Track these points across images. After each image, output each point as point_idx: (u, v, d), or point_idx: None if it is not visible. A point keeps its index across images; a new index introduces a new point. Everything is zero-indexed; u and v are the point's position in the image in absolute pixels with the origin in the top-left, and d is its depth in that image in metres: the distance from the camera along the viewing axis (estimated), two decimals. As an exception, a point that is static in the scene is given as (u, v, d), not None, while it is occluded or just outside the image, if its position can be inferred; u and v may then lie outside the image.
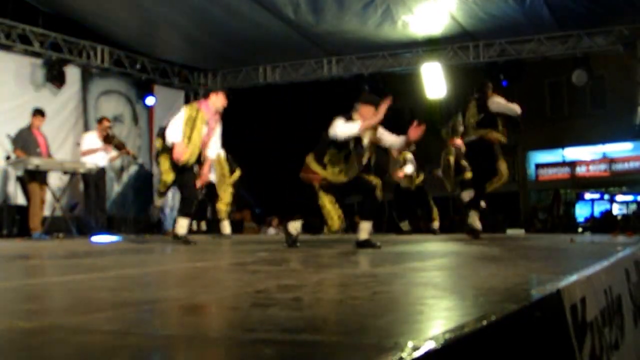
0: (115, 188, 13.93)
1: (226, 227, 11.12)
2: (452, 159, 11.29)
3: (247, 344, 1.67)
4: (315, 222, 7.95)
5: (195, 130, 7.83)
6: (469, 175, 11.09)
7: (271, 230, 16.19)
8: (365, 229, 6.59)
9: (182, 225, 8.05)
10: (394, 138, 7.04)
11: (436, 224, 12.67)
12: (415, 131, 6.78)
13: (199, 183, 8.92)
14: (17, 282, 3.73)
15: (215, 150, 8.75)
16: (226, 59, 16.08)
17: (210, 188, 11.91)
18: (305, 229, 7.29)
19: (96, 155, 11.58)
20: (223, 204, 11.12)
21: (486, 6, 12.43)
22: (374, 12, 12.81)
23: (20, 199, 11.44)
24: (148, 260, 5.85)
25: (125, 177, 13.86)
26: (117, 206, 13.93)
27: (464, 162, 11.25)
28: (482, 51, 14.62)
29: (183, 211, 8.24)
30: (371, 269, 4.14)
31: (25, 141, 10.69)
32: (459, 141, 10.91)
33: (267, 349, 1.61)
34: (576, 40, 14.04)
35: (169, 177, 8.03)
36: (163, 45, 15.08)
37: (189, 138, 7.82)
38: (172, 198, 12.98)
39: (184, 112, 7.91)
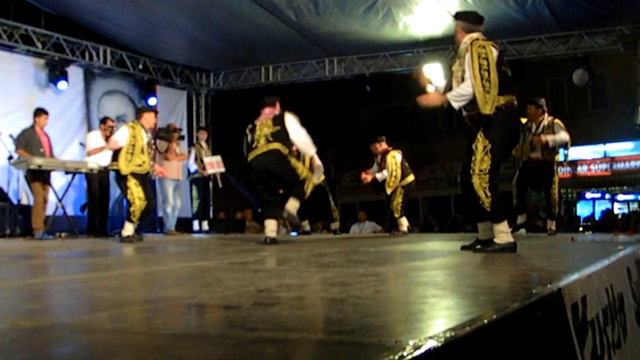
0: (116, 188, 13.91)
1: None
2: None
3: (248, 343, 1.68)
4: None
5: None
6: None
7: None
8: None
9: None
10: None
11: (336, 225, 12.18)
12: None
13: None
14: (20, 281, 3.74)
15: None
16: (228, 59, 16.09)
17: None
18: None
19: (103, 153, 11.58)
20: None
21: (487, 7, 12.42)
22: (375, 14, 12.85)
23: (23, 199, 11.44)
24: (150, 259, 5.86)
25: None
26: (119, 206, 13.93)
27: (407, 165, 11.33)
28: (483, 51, 14.59)
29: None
30: (373, 268, 4.15)
31: (28, 141, 10.69)
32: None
33: (268, 348, 1.61)
34: (577, 40, 14.05)
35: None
36: (165, 45, 15.08)
37: None
38: (174, 198, 12.97)
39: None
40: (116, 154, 9.04)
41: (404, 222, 11.30)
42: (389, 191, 11.14)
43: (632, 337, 3.71)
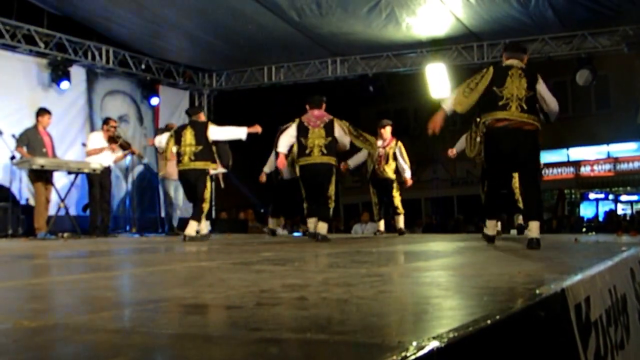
0: (121, 188, 13.95)
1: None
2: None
3: (252, 343, 1.68)
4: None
5: None
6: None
7: (279, 231, 16.17)
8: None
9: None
10: None
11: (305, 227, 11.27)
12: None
13: None
14: (22, 281, 3.74)
15: None
16: (231, 59, 16.09)
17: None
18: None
19: (102, 154, 11.60)
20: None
21: (490, 8, 12.42)
22: (378, 15, 12.83)
23: (26, 199, 11.45)
24: (153, 259, 5.86)
25: (130, 177, 13.87)
26: (124, 206, 13.95)
27: None
28: (486, 51, 14.61)
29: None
30: (376, 269, 4.14)
31: (30, 141, 10.70)
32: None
33: (271, 348, 1.61)
34: (580, 40, 14.03)
35: None
36: (168, 45, 15.08)
37: None
38: (176, 198, 12.98)
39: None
40: (208, 152, 9.30)
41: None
42: (409, 183, 10.94)
43: (635, 338, 3.71)
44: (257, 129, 9.52)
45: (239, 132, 9.50)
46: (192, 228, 9.06)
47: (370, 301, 2.45)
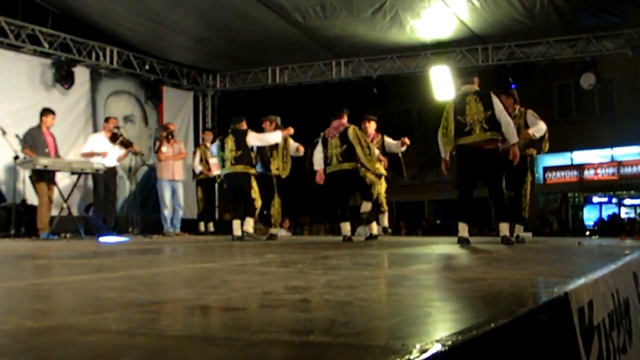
0: (125, 188, 13.93)
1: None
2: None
3: (254, 345, 1.68)
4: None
5: None
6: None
7: (282, 232, 16.17)
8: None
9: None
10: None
11: (275, 230, 10.76)
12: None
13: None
14: (25, 282, 3.73)
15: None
16: (235, 60, 16.11)
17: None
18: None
19: (109, 154, 11.58)
20: None
21: (495, 11, 12.43)
22: (383, 17, 12.85)
23: (28, 199, 11.45)
24: (156, 260, 5.86)
25: (134, 177, 13.86)
26: (128, 206, 13.94)
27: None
28: (490, 54, 14.61)
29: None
30: (379, 271, 4.14)
31: (34, 141, 10.70)
32: None
33: (274, 350, 1.61)
34: (585, 43, 14.02)
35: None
36: (172, 46, 15.10)
37: None
38: (173, 199, 12.97)
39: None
40: (247, 157, 9.94)
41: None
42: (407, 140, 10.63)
43: (637, 342, 3.70)
44: (290, 131, 10.30)
45: (274, 137, 10.17)
46: (249, 225, 9.81)
47: (374, 304, 2.45)
